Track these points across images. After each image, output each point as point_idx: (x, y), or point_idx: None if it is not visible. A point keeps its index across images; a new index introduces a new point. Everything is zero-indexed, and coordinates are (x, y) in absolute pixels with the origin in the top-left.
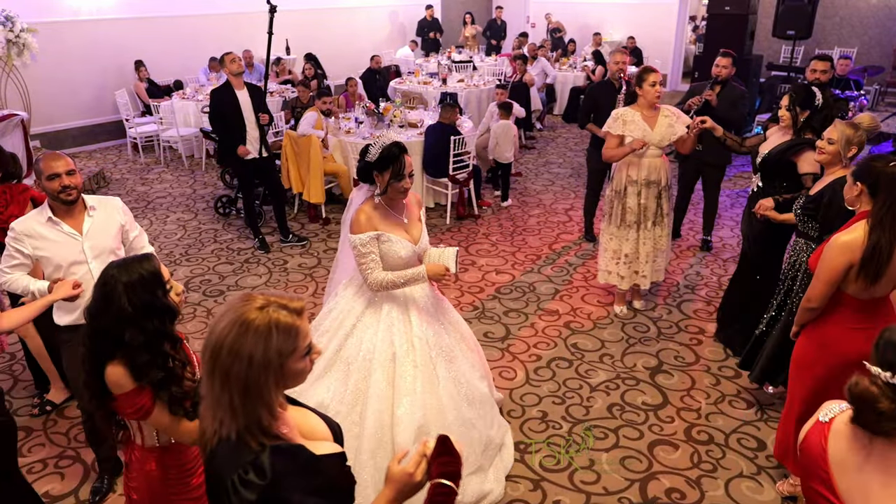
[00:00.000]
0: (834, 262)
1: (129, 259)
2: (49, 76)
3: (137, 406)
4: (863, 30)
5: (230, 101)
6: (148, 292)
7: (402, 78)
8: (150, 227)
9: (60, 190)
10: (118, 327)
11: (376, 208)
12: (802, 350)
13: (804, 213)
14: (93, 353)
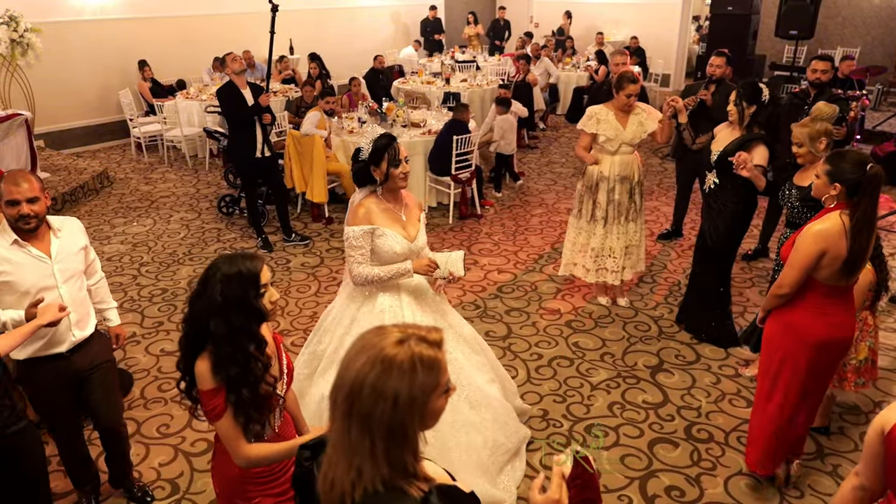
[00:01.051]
0: (808, 249)
1: (238, 254)
2: (53, 76)
3: (211, 406)
4: (865, 30)
5: (238, 98)
6: (241, 288)
7: (406, 78)
8: (153, 227)
9: (18, 218)
10: (206, 315)
11: (376, 203)
12: (769, 333)
13: (804, 205)
14: (188, 339)
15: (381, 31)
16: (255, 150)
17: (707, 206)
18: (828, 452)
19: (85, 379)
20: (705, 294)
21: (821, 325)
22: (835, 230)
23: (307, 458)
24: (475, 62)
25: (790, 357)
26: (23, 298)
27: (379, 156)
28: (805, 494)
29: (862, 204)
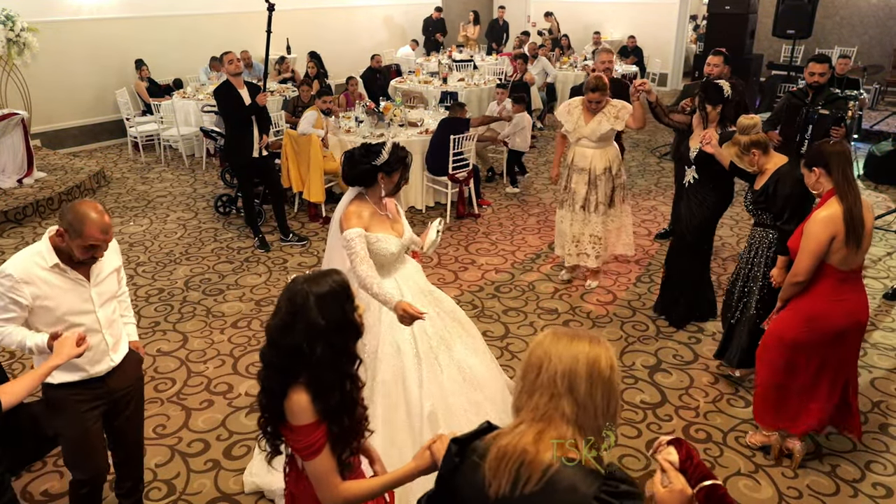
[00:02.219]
0: (819, 236)
1: (317, 273)
2: (50, 75)
3: (309, 442)
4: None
5: (235, 98)
6: (339, 306)
7: (403, 77)
8: (150, 226)
9: (90, 256)
10: (309, 343)
11: (365, 207)
12: (788, 325)
13: (756, 207)
14: (279, 373)
15: (378, 30)
16: (251, 150)
17: (687, 200)
18: (826, 453)
19: (118, 400)
20: (684, 284)
21: (838, 312)
22: (838, 213)
23: (456, 452)
24: (472, 61)
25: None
26: (58, 323)
27: (395, 167)
28: (804, 495)
29: (837, 174)
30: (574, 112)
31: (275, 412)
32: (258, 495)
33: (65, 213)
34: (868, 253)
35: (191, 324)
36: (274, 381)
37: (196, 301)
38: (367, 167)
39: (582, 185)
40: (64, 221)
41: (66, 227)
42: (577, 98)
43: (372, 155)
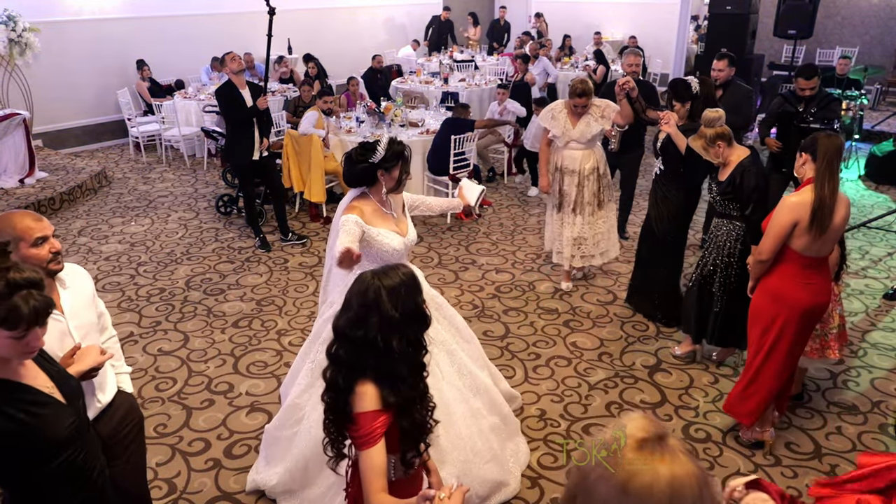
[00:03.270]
0: (783, 219)
1: (384, 267)
2: (51, 75)
3: (370, 429)
4: (864, 29)
5: (237, 98)
6: (410, 297)
7: (404, 77)
8: (151, 226)
9: (51, 258)
10: (384, 335)
11: (367, 203)
12: (758, 305)
13: (723, 198)
14: (348, 369)
15: (379, 30)
16: (252, 150)
17: (653, 192)
18: (826, 452)
19: (111, 448)
20: (653, 280)
21: (806, 293)
22: (808, 200)
23: None
24: (473, 62)
25: (779, 323)
26: None
27: (394, 161)
28: (803, 494)
29: (822, 164)
30: (559, 117)
31: (340, 410)
32: (258, 494)
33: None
34: (868, 253)
35: (192, 323)
36: (342, 377)
37: (197, 301)
38: (366, 165)
39: (573, 186)
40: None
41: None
42: (558, 102)
43: (369, 153)
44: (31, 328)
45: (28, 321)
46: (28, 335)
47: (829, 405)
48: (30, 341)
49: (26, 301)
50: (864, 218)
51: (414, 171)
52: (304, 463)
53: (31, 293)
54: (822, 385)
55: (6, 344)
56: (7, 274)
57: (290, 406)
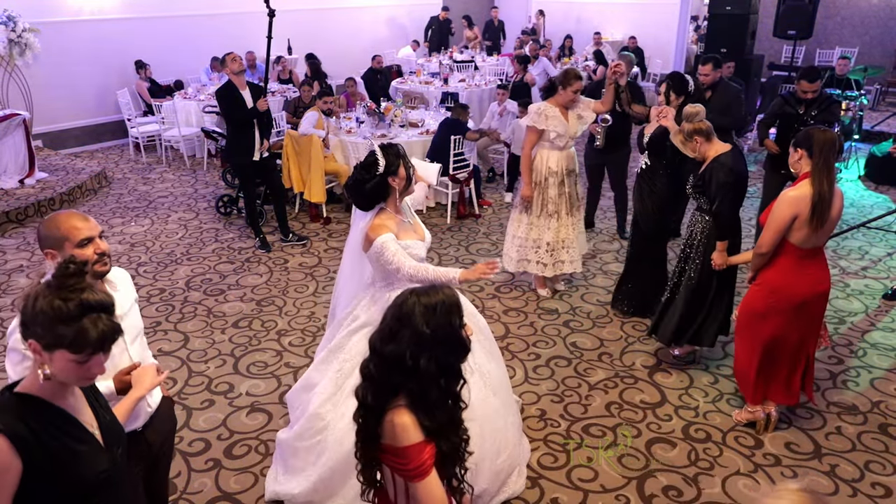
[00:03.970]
0: (783, 213)
1: (429, 286)
2: (51, 76)
3: (420, 461)
4: (864, 29)
5: (237, 99)
6: (447, 318)
7: (404, 78)
8: (151, 227)
9: (97, 259)
10: (412, 352)
11: (389, 218)
12: (754, 300)
13: (695, 191)
14: (379, 387)
15: (379, 31)
16: (253, 151)
17: (638, 187)
18: (825, 452)
19: (158, 456)
20: (642, 275)
21: (803, 283)
22: (807, 195)
23: None
24: (473, 62)
25: (774, 313)
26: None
27: (397, 162)
28: None
29: (816, 160)
30: (553, 115)
31: (370, 434)
32: (259, 495)
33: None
34: (868, 253)
35: (192, 324)
36: (372, 395)
37: (197, 301)
38: (377, 179)
39: (574, 186)
40: (46, 243)
41: (50, 245)
42: (542, 103)
43: (373, 167)
44: (96, 353)
45: (94, 346)
46: (91, 360)
47: (829, 405)
48: (91, 367)
49: (95, 325)
50: (864, 218)
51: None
52: (331, 474)
53: (100, 317)
54: (821, 385)
55: (67, 367)
56: (81, 294)
57: (311, 416)
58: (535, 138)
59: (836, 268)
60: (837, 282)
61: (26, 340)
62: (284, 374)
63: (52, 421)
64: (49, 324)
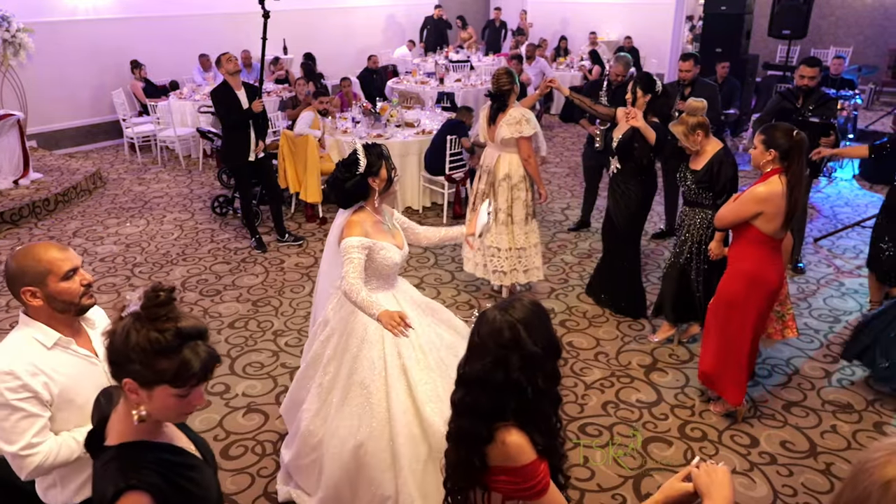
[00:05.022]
0: (749, 209)
1: (506, 301)
2: (46, 76)
3: (539, 478)
4: (858, 29)
5: (233, 100)
6: (546, 327)
7: (400, 78)
8: (146, 227)
9: (84, 291)
10: (528, 375)
11: (367, 216)
12: (734, 290)
13: (699, 187)
14: (486, 417)
15: (374, 30)
16: (248, 151)
17: (612, 190)
18: (820, 451)
19: None
20: (616, 272)
21: (773, 272)
22: (776, 191)
23: None
24: (469, 62)
25: (752, 304)
26: (74, 417)
27: (379, 162)
28: (798, 492)
29: (793, 165)
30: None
31: (471, 464)
32: (256, 496)
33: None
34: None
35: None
36: (479, 427)
37: (193, 302)
38: (357, 178)
39: (507, 192)
40: (23, 280)
41: (29, 282)
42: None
43: (353, 166)
44: (198, 385)
45: (198, 377)
46: (192, 393)
47: (824, 404)
48: (192, 399)
49: (196, 354)
50: (859, 217)
51: (410, 170)
52: (335, 491)
53: (198, 344)
54: (816, 384)
55: (168, 403)
56: (176, 323)
57: (304, 434)
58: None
59: (830, 267)
60: (832, 280)
61: (119, 380)
62: (280, 374)
63: (168, 459)
64: (147, 359)
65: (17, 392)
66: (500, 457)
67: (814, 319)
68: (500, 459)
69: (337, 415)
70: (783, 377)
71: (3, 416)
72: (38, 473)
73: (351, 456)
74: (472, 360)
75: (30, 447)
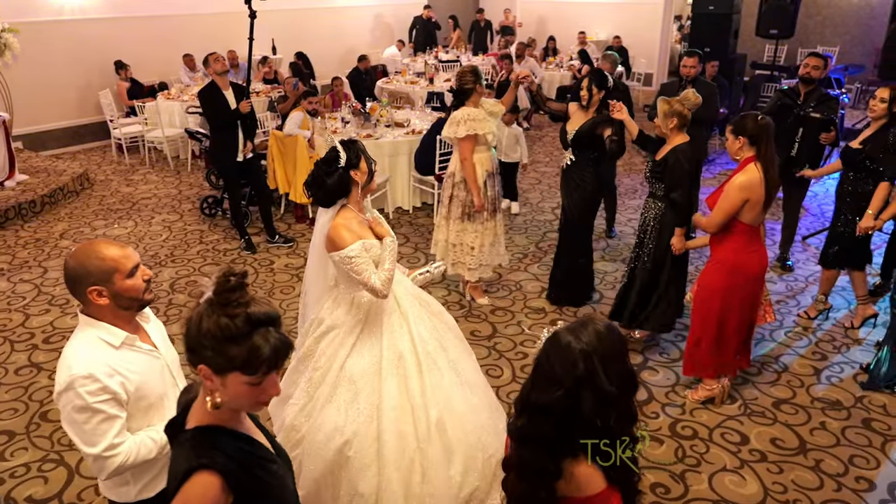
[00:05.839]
0: (736, 199)
1: (579, 324)
2: (31, 76)
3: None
4: (844, 29)
5: (221, 100)
6: (623, 361)
7: (389, 77)
8: (135, 229)
9: (146, 287)
10: (600, 413)
11: (353, 216)
12: (713, 279)
13: (653, 176)
14: (547, 452)
15: (364, 30)
16: (237, 152)
17: (565, 183)
18: (810, 448)
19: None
20: (565, 261)
21: (754, 259)
22: (755, 178)
23: None
24: (459, 62)
25: (736, 292)
26: (147, 414)
27: (358, 156)
28: (788, 489)
29: (762, 148)
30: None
31: (538, 498)
32: None
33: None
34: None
35: (177, 326)
36: (544, 461)
37: (182, 304)
38: (339, 173)
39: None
40: (89, 280)
41: (95, 281)
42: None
43: (333, 162)
44: (270, 372)
45: (269, 364)
46: (265, 381)
47: (814, 401)
48: (266, 388)
49: (266, 340)
50: None
51: (401, 170)
52: (316, 487)
53: (269, 331)
54: (805, 381)
55: (243, 391)
56: (246, 309)
57: (287, 428)
58: (473, 145)
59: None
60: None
61: (195, 367)
62: None
63: (244, 448)
64: (218, 345)
65: (97, 395)
66: (568, 488)
67: (802, 318)
68: (569, 491)
69: (322, 411)
70: (773, 375)
71: (84, 420)
72: (117, 473)
73: (335, 452)
74: (538, 386)
75: (111, 448)
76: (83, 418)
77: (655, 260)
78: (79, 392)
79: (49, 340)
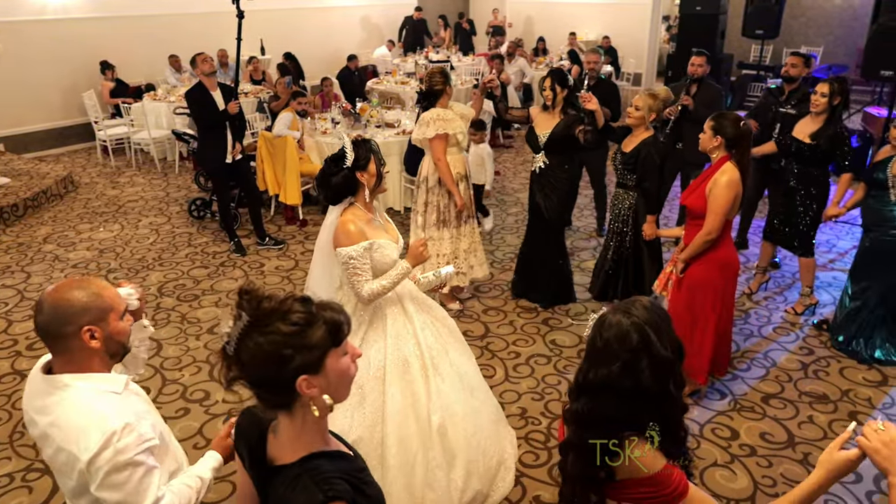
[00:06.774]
0: (728, 197)
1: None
2: (14, 77)
3: (676, 482)
4: (828, 29)
5: (209, 101)
6: (670, 329)
7: (380, 78)
8: (121, 232)
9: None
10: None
11: (361, 215)
12: (706, 276)
13: (624, 168)
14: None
15: (354, 31)
16: (225, 153)
17: (540, 186)
18: (798, 441)
19: None
20: (545, 263)
21: (732, 252)
22: (735, 175)
23: None
24: (449, 62)
25: (729, 287)
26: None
27: (367, 157)
28: (778, 483)
29: (739, 153)
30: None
31: (596, 478)
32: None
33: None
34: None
35: (165, 331)
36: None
37: (170, 307)
38: (344, 173)
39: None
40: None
41: (90, 321)
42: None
43: (341, 161)
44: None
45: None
46: (348, 350)
47: (801, 395)
48: (350, 351)
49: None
50: None
51: (391, 171)
52: None
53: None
54: (793, 376)
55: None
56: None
57: None
58: (445, 146)
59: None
60: None
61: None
62: None
63: (344, 467)
64: (299, 341)
65: (137, 446)
66: (628, 469)
67: (789, 314)
68: (629, 472)
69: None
70: (762, 370)
71: (126, 478)
72: None
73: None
74: (595, 366)
75: (157, 502)
76: (124, 477)
77: (636, 246)
78: (118, 447)
79: (33, 347)
